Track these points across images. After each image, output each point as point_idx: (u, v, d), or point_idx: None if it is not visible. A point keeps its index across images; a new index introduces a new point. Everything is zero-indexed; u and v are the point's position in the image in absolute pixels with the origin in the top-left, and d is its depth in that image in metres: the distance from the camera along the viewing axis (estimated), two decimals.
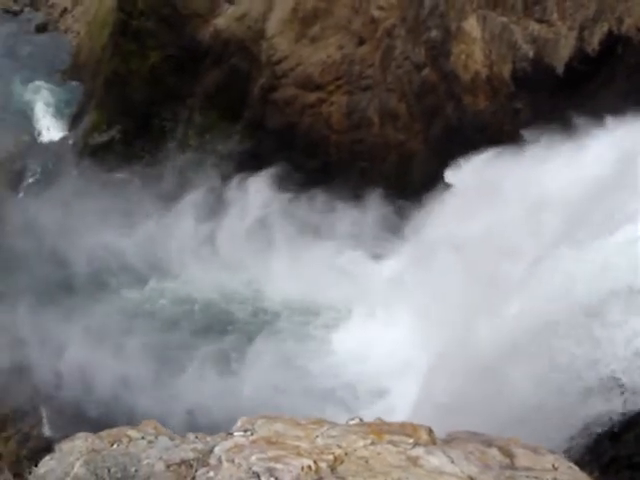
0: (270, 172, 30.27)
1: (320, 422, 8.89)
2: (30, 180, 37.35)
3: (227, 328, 27.82)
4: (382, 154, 29.94)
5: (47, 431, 25.97)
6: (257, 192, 30.43)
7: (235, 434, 8.57)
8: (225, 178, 31.33)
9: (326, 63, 30.61)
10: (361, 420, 9.21)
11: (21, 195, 36.62)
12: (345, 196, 28.78)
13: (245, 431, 8.58)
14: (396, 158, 29.79)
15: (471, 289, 20.98)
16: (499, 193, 22.84)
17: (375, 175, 29.68)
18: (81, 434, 8.74)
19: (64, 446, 8.45)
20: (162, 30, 34.93)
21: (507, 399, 15.12)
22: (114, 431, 8.84)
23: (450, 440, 9.05)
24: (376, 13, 29.96)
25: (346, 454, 8.10)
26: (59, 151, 38.36)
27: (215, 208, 30.33)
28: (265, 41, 31.96)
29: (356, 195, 28.75)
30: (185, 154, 33.39)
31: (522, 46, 26.07)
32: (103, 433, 8.79)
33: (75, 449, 8.27)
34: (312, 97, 30.77)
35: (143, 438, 8.59)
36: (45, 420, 26.37)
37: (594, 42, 24.36)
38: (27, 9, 51.33)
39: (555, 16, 25.37)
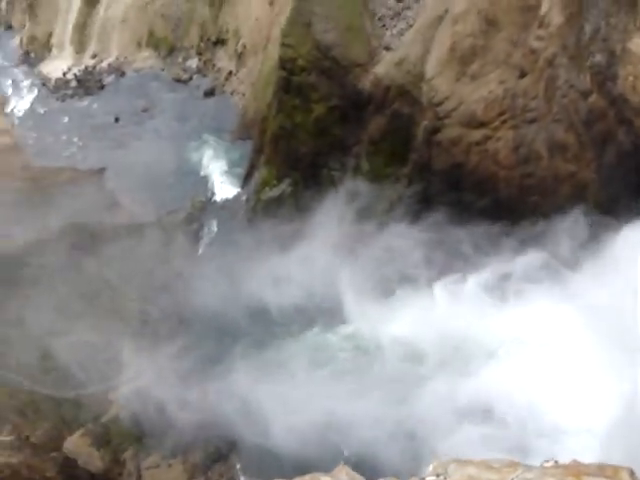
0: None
1: (514, 465, 8.66)
2: (208, 238, 38.99)
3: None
4: (553, 187, 29.09)
5: (237, 478, 26.60)
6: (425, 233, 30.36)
7: (428, 479, 8.49)
8: (397, 222, 31.38)
9: (488, 99, 30.28)
10: (556, 462, 8.89)
11: (200, 252, 38.21)
12: (519, 233, 28.12)
13: (437, 475, 8.48)
14: (568, 190, 28.85)
15: None
16: None
17: (547, 209, 28.84)
18: None
19: None
20: (323, 83, 35.80)
21: None
22: (307, 477, 8.94)
23: None
24: (535, 44, 29.45)
25: None
26: (233, 208, 39.85)
27: (392, 255, 30.33)
28: (425, 83, 32.04)
29: (530, 231, 28.04)
30: (355, 202, 33.77)
31: None
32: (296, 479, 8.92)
33: None
34: (477, 135, 30.44)
35: None
36: (234, 467, 27.02)
37: None
38: (195, 76, 54.21)
39: None
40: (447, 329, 27.55)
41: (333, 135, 35.40)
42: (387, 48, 34.69)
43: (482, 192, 30.35)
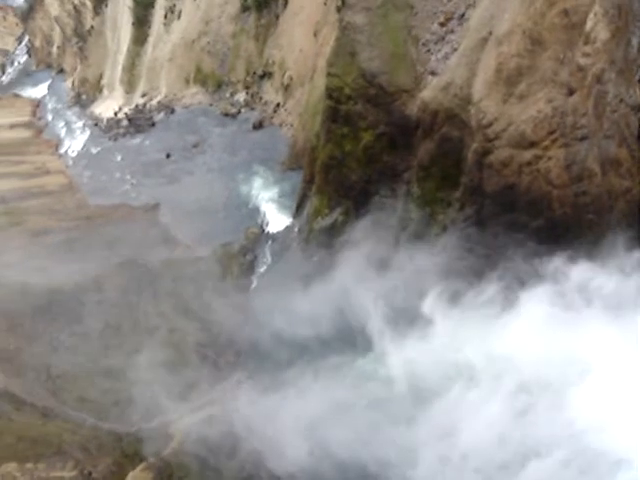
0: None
1: None
2: (262, 269, 39.30)
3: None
4: (608, 204, 28.68)
5: None
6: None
7: None
8: (450, 248, 31.20)
9: (537, 118, 30.04)
10: None
11: (255, 285, 38.48)
12: (575, 252, 27.66)
13: None
14: (624, 206, 28.40)
15: None
16: None
17: (604, 226, 28.40)
18: None
19: None
20: (370, 110, 35.96)
21: None
22: None
23: None
24: (582, 60, 29.20)
25: None
26: (286, 238, 40.12)
27: (446, 278, 30.07)
28: (473, 106, 31.95)
29: (590, 249, 27.57)
30: (408, 228, 33.69)
31: None
32: None
33: None
34: (528, 155, 30.16)
35: None
36: None
37: None
38: (243, 110, 55.04)
39: None
40: (504, 350, 27.22)
41: (383, 162, 35.48)
42: (433, 73, 34.76)
43: (536, 212, 29.98)
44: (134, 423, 30.06)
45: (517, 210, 30.37)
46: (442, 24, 35.82)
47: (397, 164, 35.22)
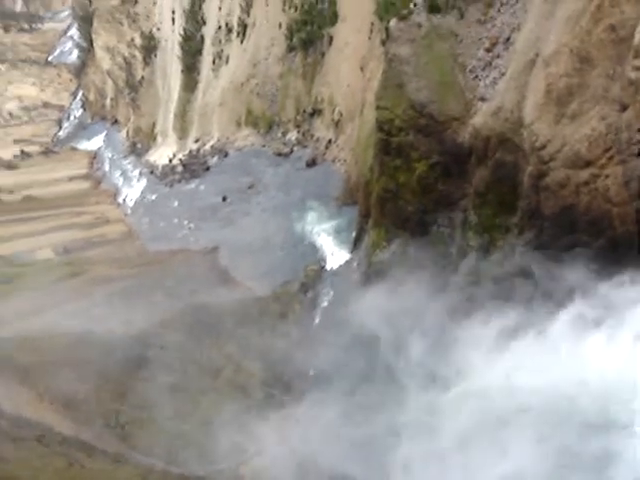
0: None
1: None
2: (324, 305, 39.25)
3: None
4: None
5: None
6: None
7: None
8: (512, 275, 30.79)
9: (592, 137, 29.64)
10: None
11: (317, 321, 38.45)
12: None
13: None
14: None
15: None
16: None
17: None
18: None
19: None
20: (422, 140, 35.93)
21: None
22: None
23: None
24: (633, 74, 28.76)
25: None
26: (346, 273, 40.10)
27: (511, 306, 29.64)
28: (525, 129, 31.70)
29: None
30: (468, 256, 33.38)
31: None
32: None
33: None
34: (585, 174, 29.73)
35: None
36: None
37: None
38: (296, 148, 55.51)
39: None
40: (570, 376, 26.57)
41: (438, 191, 35.35)
42: (482, 99, 34.64)
43: (597, 232, 29.43)
44: (204, 466, 30.10)
45: (578, 231, 29.87)
46: (488, 50, 35.75)
47: (452, 193, 35.05)
